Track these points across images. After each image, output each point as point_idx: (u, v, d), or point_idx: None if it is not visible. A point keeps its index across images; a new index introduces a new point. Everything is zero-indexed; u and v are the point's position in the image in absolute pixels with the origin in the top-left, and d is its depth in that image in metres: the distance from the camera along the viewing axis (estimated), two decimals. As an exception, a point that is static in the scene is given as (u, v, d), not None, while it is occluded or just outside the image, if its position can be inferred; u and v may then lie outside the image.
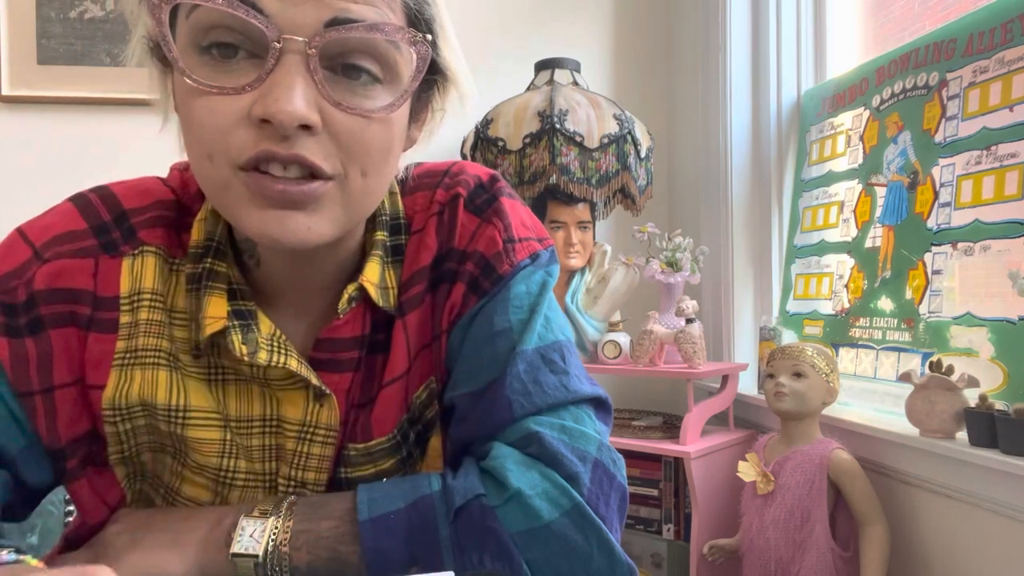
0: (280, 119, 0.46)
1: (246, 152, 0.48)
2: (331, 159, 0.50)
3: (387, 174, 0.56)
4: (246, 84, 0.48)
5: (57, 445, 0.56)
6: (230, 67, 0.49)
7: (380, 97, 0.51)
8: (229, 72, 0.48)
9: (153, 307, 0.58)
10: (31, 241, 0.57)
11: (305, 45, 0.47)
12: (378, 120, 0.51)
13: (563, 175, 1.59)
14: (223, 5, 0.46)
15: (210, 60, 0.49)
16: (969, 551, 1.10)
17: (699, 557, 1.42)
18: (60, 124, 1.89)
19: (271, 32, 0.47)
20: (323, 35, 0.47)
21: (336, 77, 0.50)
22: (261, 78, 0.47)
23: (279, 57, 0.47)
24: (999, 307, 1.10)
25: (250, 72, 0.48)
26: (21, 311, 0.55)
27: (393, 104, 0.51)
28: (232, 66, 0.49)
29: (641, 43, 2.11)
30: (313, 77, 0.48)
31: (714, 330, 1.82)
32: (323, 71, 0.48)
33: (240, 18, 0.46)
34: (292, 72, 0.47)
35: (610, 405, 0.63)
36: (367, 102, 0.50)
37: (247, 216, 0.50)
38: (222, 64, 0.49)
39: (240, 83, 0.48)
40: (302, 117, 0.47)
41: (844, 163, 1.54)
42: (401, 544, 0.51)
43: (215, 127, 0.48)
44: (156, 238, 0.59)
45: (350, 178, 0.51)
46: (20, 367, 0.54)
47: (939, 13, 1.41)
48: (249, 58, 0.48)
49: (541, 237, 0.66)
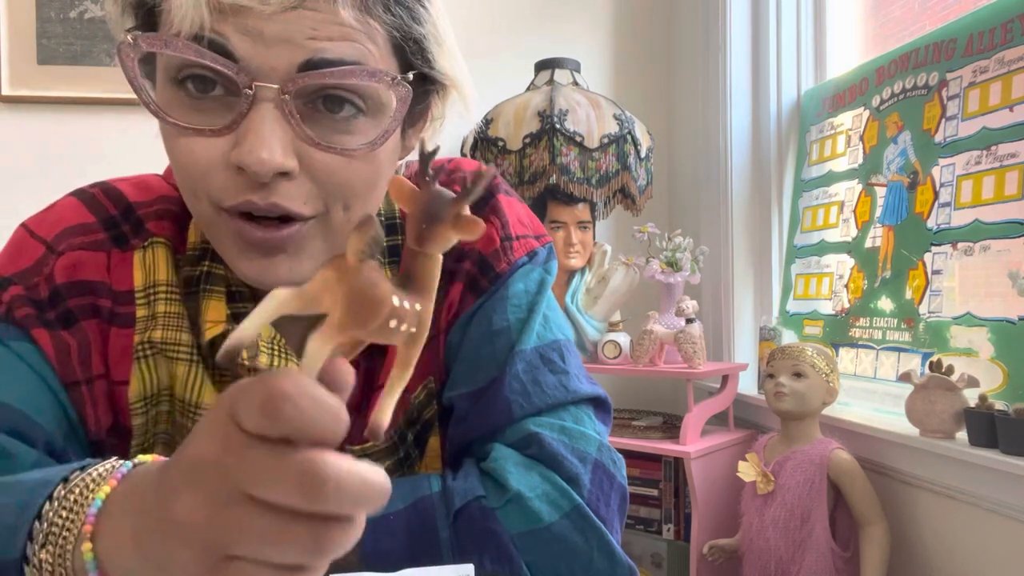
0: (255, 169, 0.46)
1: (226, 199, 0.48)
2: (311, 200, 0.49)
3: (373, 203, 0.55)
4: (223, 126, 0.47)
5: (100, 436, 0.56)
6: (206, 105, 0.48)
7: (362, 131, 0.50)
8: (205, 111, 0.48)
9: (170, 299, 0.58)
10: (41, 236, 0.57)
11: (278, 92, 0.46)
12: (360, 158, 0.50)
13: (563, 175, 1.58)
14: (192, 54, 0.45)
15: (186, 96, 0.48)
16: (969, 551, 1.10)
17: (699, 557, 1.41)
18: (60, 124, 1.88)
19: (242, 79, 0.45)
20: (296, 80, 0.46)
21: (315, 112, 0.48)
22: (237, 121, 0.46)
23: (252, 103, 0.46)
24: (999, 307, 1.10)
25: (225, 113, 0.47)
26: (47, 306, 0.55)
27: (374, 142, 0.50)
28: (208, 104, 0.48)
29: (641, 43, 2.11)
30: (288, 120, 0.47)
31: (714, 330, 1.82)
32: (301, 108, 0.47)
33: (209, 65, 0.46)
34: (266, 119, 0.46)
35: (610, 404, 0.63)
36: (347, 138, 0.49)
37: (233, 260, 0.51)
38: (198, 101, 0.48)
39: (216, 124, 0.47)
40: (277, 166, 0.46)
41: (844, 163, 1.54)
42: (401, 545, 0.51)
43: (195, 168, 0.48)
44: (164, 229, 0.59)
45: (331, 214, 0.51)
46: (64, 357, 0.54)
47: (939, 13, 1.41)
48: (225, 95, 0.48)
49: (539, 234, 0.65)
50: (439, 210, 0.31)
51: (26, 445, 0.51)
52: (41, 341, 0.54)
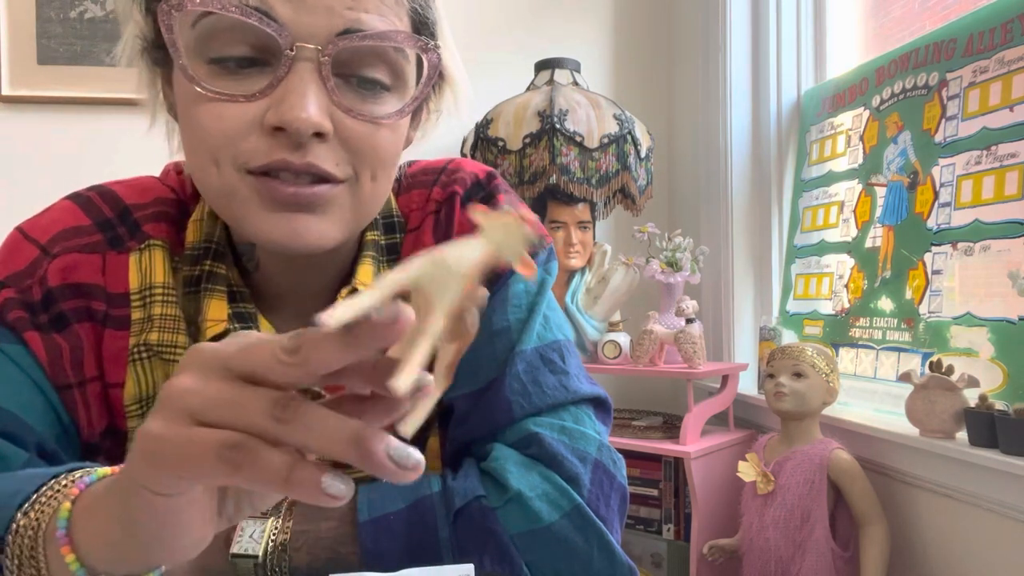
0: (296, 127, 0.47)
1: (258, 159, 0.48)
2: (342, 164, 0.51)
3: (392, 177, 0.56)
4: (257, 91, 0.48)
5: (93, 439, 0.56)
6: (238, 75, 0.49)
7: (389, 103, 0.52)
8: (238, 79, 0.48)
9: (166, 301, 0.58)
10: (35, 239, 0.57)
11: (318, 53, 0.47)
12: (387, 126, 0.52)
13: (563, 175, 1.58)
14: (237, 13, 0.46)
15: (217, 69, 0.49)
16: (969, 551, 1.10)
17: (699, 557, 1.41)
18: (60, 124, 1.88)
19: (284, 40, 0.47)
20: (335, 43, 0.47)
21: (347, 84, 0.50)
22: (273, 85, 0.47)
23: (292, 65, 0.47)
24: (999, 307, 1.10)
25: (260, 80, 0.48)
26: (40, 309, 0.55)
27: (402, 110, 0.52)
28: (240, 74, 0.48)
29: (641, 43, 2.11)
30: (325, 84, 0.48)
31: (714, 330, 1.82)
32: (335, 78, 0.49)
33: (253, 26, 0.46)
34: (305, 79, 0.47)
35: (610, 404, 0.63)
36: (377, 108, 0.51)
37: (254, 219, 0.50)
38: (230, 73, 0.49)
39: (251, 90, 0.48)
40: (316, 124, 0.47)
41: (844, 163, 1.54)
42: (401, 545, 0.51)
43: (223, 133, 0.48)
44: (161, 232, 0.59)
45: (361, 181, 0.52)
46: (55, 360, 0.55)
47: (939, 13, 1.41)
48: (258, 66, 0.49)
49: (539, 235, 0.66)
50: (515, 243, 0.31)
51: (16, 447, 0.50)
52: (33, 344, 0.54)
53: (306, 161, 0.48)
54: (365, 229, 0.62)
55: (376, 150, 0.52)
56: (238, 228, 0.53)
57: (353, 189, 0.52)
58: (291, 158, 0.48)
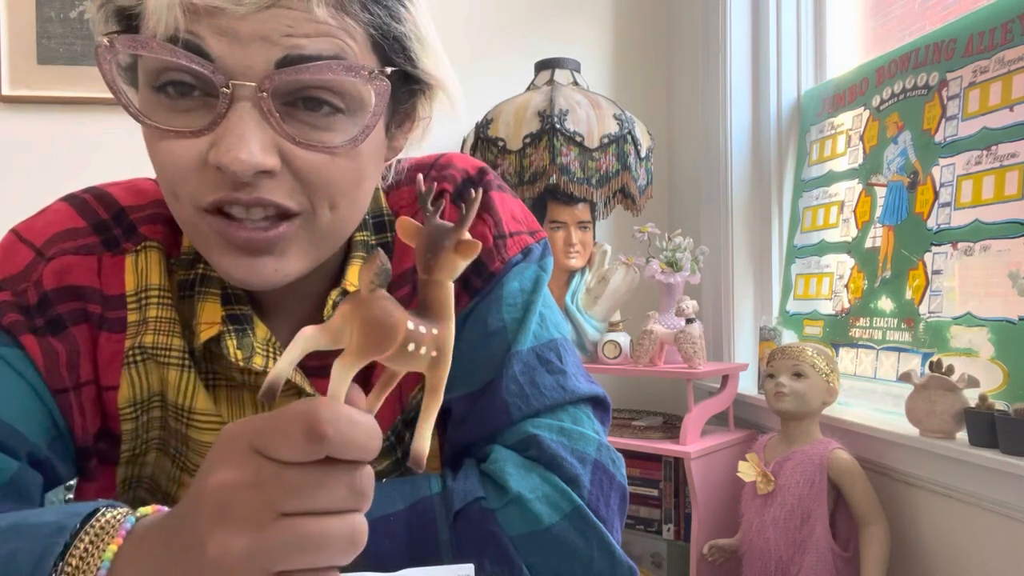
0: (234, 169, 0.45)
1: (207, 196, 0.48)
2: (296, 196, 0.49)
3: (360, 201, 0.54)
4: (201, 128, 0.46)
5: (87, 443, 0.56)
6: (185, 107, 0.47)
7: (343, 129, 0.49)
8: (184, 113, 0.47)
9: (162, 304, 0.57)
10: (30, 241, 0.56)
11: (255, 90, 0.45)
12: (342, 155, 0.49)
13: (563, 175, 1.58)
14: (167, 55, 0.45)
15: (166, 99, 0.48)
16: (969, 551, 1.10)
17: (699, 557, 1.41)
18: (60, 124, 1.88)
19: (218, 78, 0.45)
20: (273, 77, 0.45)
21: (295, 112, 0.48)
22: (216, 122, 0.46)
23: (230, 103, 0.45)
24: (999, 307, 1.10)
25: (204, 114, 0.47)
26: (36, 312, 0.54)
27: (356, 139, 0.49)
28: (187, 105, 0.47)
29: (641, 43, 2.11)
30: (268, 119, 0.46)
31: (714, 330, 1.82)
32: (280, 108, 0.47)
33: (185, 65, 0.45)
34: (244, 118, 0.45)
35: (609, 403, 0.62)
36: (329, 136, 0.48)
37: (216, 260, 0.50)
38: (178, 103, 0.48)
39: (195, 126, 0.47)
40: (257, 165, 0.45)
41: (844, 163, 1.54)
42: (401, 546, 0.51)
43: (175, 169, 0.48)
44: (157, 233, 0.59)
45: (318, 214, 0.50)
46: (51, 364, 0.54)
47: (939, 13, 1.41)
48: (204, 96, 0.47)
49: (533, 230, 0.64)
50: (441, 239, 0.34)
51: (8, 456, 0.50)
52: (29, 347, 0.54)
53: (254, 196, 0.47)
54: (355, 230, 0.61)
55: (331, 181, 0.49)
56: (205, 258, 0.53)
57: (310, 222, 0.50)
58: (239, 195, 0.47)
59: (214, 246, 0.50)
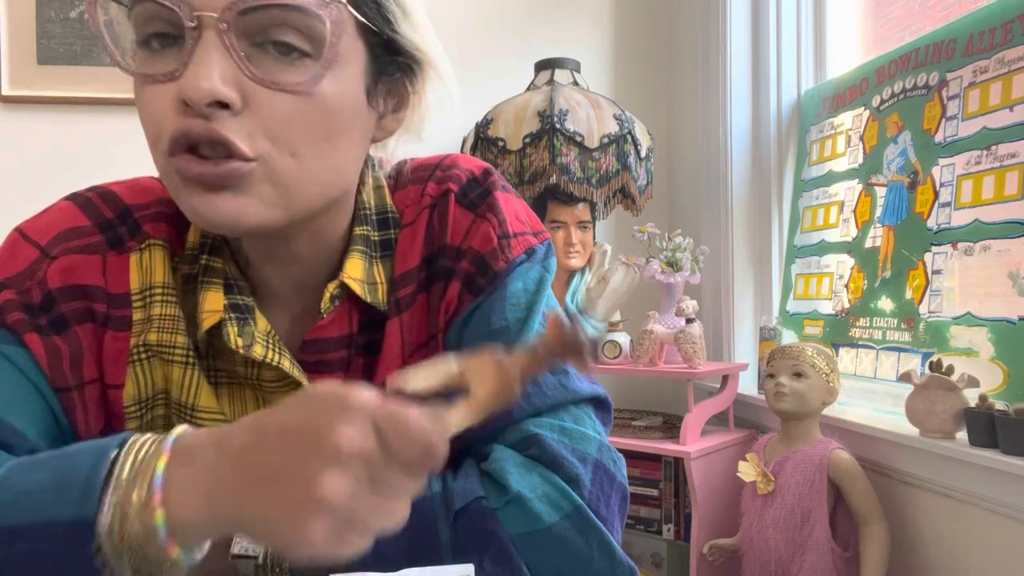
0: (191, 95, 0.46)
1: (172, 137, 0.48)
2: (253, 139, 0.48)
3: (332, 158, 0.53)
4: (173, 70, 0.47)
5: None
6: (160, 55, 0.49)
7: (307, 70, 0.49)
8: (160, 59, 0.49)
9: (166, 301, 0.57)
10: (35, 240, 0.57)
11: (217, 21, 0.46)
12: (304, 95, 0.49)
13: (563, 175, 1.58)
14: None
15: (148, 52, 0.49)
16: (969, 551, 1.10)
17: (699, 557, 1.41)
18: (60, 124, 1.88)
19: (184, 11, 0.46)
20: (234, 7, 0.47)
21: (262, 53, 0.49)
22: (185, 62, 0.47)
23: (197, 38, 0.47)
24: (999, 307, 1.10)
25: (177, 58, 0.48)
26: (40, 311, 0.55)
27: (315, 76, 0.49)
28: (163, 54, 0.49)
29: (641, 43, 2.11)
30: (231, 53, 0.47)
31: (714, 330, 1.82)
32: (247, 48, 0.48)
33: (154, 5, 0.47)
34: (208, 51, 0.47)
35: (610, 404, 0.63)
36: (289, 75, 0.49)
37: (183, 200, 0.50)
38: (157, 54, 0.49)
39: (168, 69, 0.48)
40: (212, 92, 0.46)
41: (844, 163, 1.54)
42: (401, 545, 0.51)
43: (153, 116, 0.49)
44: (161, 231, 0.59)
45: (276, 159, 0.50)
46: (55, 363, 0.54)
47: (939, 13, 1.41)
48: (178, 46, 0.48)
49: (537, 231, 0.65)
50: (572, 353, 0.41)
51: (7, 454, 0.50)
52: (32, 346, 0.54)
53: (208, 128, 0.47)
54: (354, 223, 0.61)
55: (290, 122, 0.49)
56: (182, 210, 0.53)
57: (268, 167, 0.49)
58: (193, 124, 0.47)
59: (180, 188, 0.50)
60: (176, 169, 0.49)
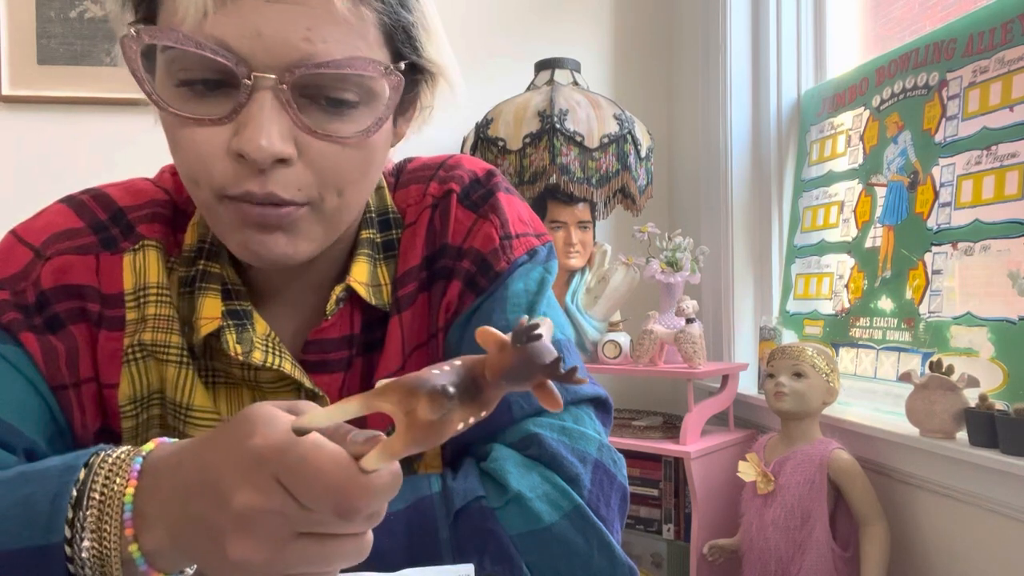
0: (254, 156, 0.47)
1: (228, 186, 0.49)
2: (305, 188, 0.51)
3: (366, 187, 0.56)
4: (223, 116, 0.48)
5: (87, 440, 0.56)
6: (206, 97, 0.49)
7: (358, 119, 0.51)
8: (206, 102, 0.49)
9: (160, 302, 0.58)
10: (29, 242, 0.57)
11: (275, 82, 0.48)
12: (353, 145, 0.51)
13: (563, 175, 1.58)
14: (193, 47, 0.47)
15: (188, 92, 0.49)
16: (969, 551, 1.10)
17: (699, 557, 1.41)
18: (60, 124, 1.88)
19: (241, 71, 0.47)
20: (293, 70, 0.48)
21: (311, 104, 0.50)
22: (236, 110, 0.48)
23: (251, 93, 0.48)
24: (999, 307, 1.10)
25: (226, 103, 0.49)
26: (34, 311, 0.55)
27: (369, 129, 0.51)
28: (208, 96, 0.49)
29: (641, 43, 2.11)
30: (287, 109, 0.48)
31: (714, 330, 1.82)
32: (298, 100, 0.49)
33: (209, 58, 0.47)
34: (265, 107, 0.48)
35: (610, 404, 0.63)
36: (343, 127, 0.51)
37: (232, 238, 0.52)
38: (202, 96, 0.49)
39: (217, 114, 0.49)
40: (276, 153, 0.48)
41: (844, 163, 1.54)
42: (401, 545, 0.51)
43: (197, 157, 0.50)
44: (155, 232, 0.59)
45: (326, 201, 0.52)
46: (51, 361, 0.55)
47: (939, 13, 1.41)
48: (225, 89, 0.49)
49: (539, 232, 0.65)
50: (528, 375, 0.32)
51: (4, 451, 0.51)
52: (28, 345, 0.54)
53: (267, 191, 0.49)
54: (360, 227, 0.62)
55: (340, 171, 0.52)
56: (220, 240, 0.55)
57: (317, 209, 0.52)
58: (254, 188, 0.49)
59: (230, 226, 0.52)
60: (233, 212, 0.51)
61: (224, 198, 0.50)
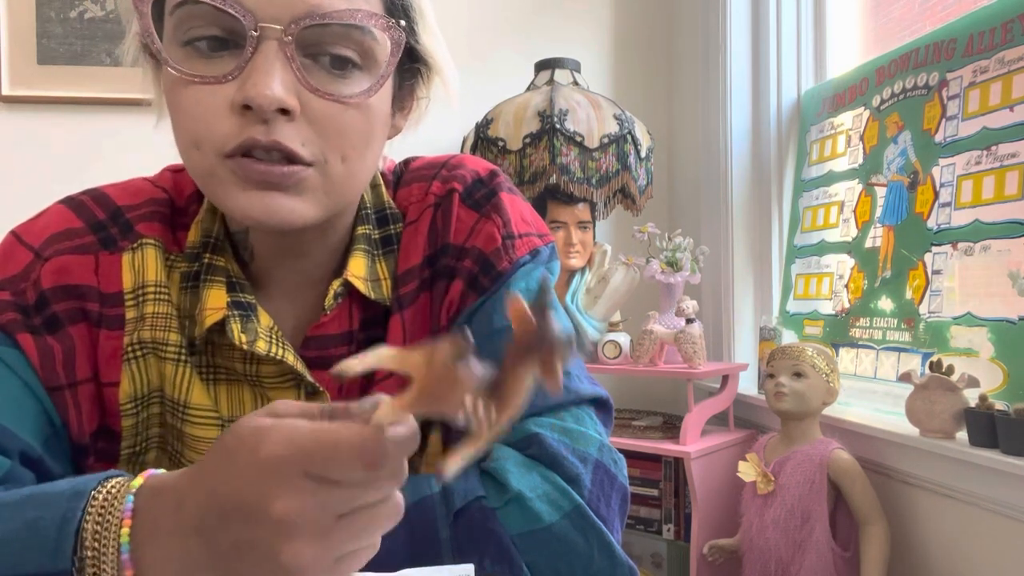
0: (259, 102, 0.48)
1: (231, 141, 0.50)
2: (309, 145, 0.51)
3: (369, 160, 0.57)
4: (227, 73, 0.50)
5: (83, 441, 0.57)
6: (212, 59, 0.50)
7: (358, 82, 0.53)
8: (212, 63, 0.50)
9: (159, 300, 0.58)
10: (29, 243, 0.57)
11: (281, 33, 0.49)
12: (355, 106, 0.53)
13: (563, 175, 1.58)
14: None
15: (194, 52, 0.51)
16: (969, 551, 1.10)
17: (699, 557, 1.41)
18: (60, 124, 1.88)
19: (248, 22, 0.49)
20: (298, 22, 0.49)
21: (315, 64, 0.51)
22: (241, 66, 0.49)
23: (257, 45, 0.49)
24: (999, 307, 1.10)
25: (231, 62, 0.50)
26: (34, 311, 0.55)
27: (370, 89, 0.53)
28: (214, 58, 0.50)
29: (641, 43, 2.11)
30: (291, 64, 0.50)
31: (714, 330, 1.82)
32: (301, 58, 0.50)
33: (221, 11, 0.48)
34: (270, 58, 0.49)
35: (611, 405, 0.63)
36: (344, 88, 0.52)
37: (232, 199, 0.52)
38: (205, 56, 0.50)
39: (222, 72, 0.50)
40: (279, 100, 0.49)
41: (844, 163, 1.54)
42: (401, 545, 0.51)
43: (201, 116, 0.50)
44: (154, 231, 0.60)
45: (330, 163, 0.53)
46: (47, 362, 0.55)
47: (939, 13, 1.41)
48: (230, 49, 0.50)
49: (542, 233, 0.65)
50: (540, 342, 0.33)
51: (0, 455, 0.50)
52: (25, 346, 0.54)
53: (272, 139, 0.50)
54: (356, 223, 0.62)
55: (342, 130, 0.52)
56: (221, 207, 0.55)
57: (323, 171, 0.53)
58: (259, 136, 0.49)
59: (231, 186, 0.52)
60: (234, 170, 0.51)
61: (227, 158, 0.51)
